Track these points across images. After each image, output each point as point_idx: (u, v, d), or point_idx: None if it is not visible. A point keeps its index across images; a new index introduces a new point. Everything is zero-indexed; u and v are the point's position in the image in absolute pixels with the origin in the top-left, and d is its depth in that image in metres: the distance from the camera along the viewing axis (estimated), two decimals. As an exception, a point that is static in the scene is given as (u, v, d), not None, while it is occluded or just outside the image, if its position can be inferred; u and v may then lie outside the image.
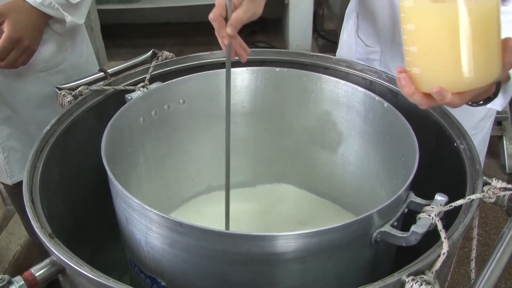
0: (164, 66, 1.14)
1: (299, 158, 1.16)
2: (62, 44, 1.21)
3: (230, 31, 0.79)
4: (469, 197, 0.73)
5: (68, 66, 1.24)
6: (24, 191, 0.77)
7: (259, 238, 0.66)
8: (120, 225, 0.83)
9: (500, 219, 1.96)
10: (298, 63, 1.16)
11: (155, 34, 3.47)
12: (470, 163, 0.83)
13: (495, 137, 2.33)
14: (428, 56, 0.63)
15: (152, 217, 0.70)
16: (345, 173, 1.11)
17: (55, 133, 0.93)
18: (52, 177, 0.89)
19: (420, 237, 0.68)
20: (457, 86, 0.62)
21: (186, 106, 1.07)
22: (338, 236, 0.68)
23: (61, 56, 1.22)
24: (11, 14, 1.03)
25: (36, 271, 0.68)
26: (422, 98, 0.65)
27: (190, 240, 0.68)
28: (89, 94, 1.03)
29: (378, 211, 0.69)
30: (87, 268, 0.64)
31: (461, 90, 0.63)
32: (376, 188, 1.03)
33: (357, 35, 1.27)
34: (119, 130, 0.92)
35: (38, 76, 1.20)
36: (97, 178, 0.91)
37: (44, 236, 0.69)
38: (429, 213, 0.70)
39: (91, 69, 1.31)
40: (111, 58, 3.09)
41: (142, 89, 1.01)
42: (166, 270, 0.75)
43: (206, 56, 1.17)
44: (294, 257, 0.68)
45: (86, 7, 1.18)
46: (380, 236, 0.72)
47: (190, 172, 1.16)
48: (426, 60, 0.64)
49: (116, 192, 0.77)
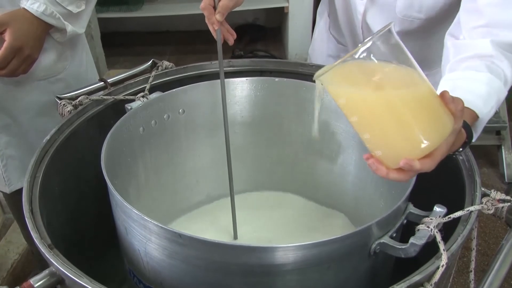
0: (164, 76, 1.14)
1: (298, 167, 1.17)
2: (62, 53, 1.22)
3: (219, 17, 0.87)
4: (468, 209, 0.73)
5: (67, 75, 1.25)
6: (24, 201, 0.78)
7: (259, 250, 0.66)
8: (119, 235, 0.83)
9: (499, 228, 1.95)
10: (297, 73, 1.17)
11: (155, 42, 3.48)
12: (469, 174, 0.83)
13: (493, 146, 2.33)
14: (382, 139, 0.65)
15: (152, 228, 0.70)
16: (344, 183, 1.11)
17: (55, 142, 0.93)
18: (52, 187, 0.90)
19: (419, 249, 0.68)
20: (419, 153, 0.64)
21: (186, 116, 1.07)
22: (338, 248, 0.68)
23: (61, 65, 1.23)
24: (13, 23, 1.04)
25: (35, 282, 0.68)
26: (398, 174, 0.66)
27: (189, 251, 0.68)
28: (89, 104, 1.03)
29: (377, 222, 0.70)
30: (86, 280, 0.64)
31: (424, 154, 0.64)
32: (375, 198, 1.03)
33: (329, 31, 1.33)
34: (119, 140, 0.92)
35: (38, 84, 1.21)
36: (96, 188, 0.91)
37: (44, 247, 0.70)
38: (428, 225, 0.70)
39: (91, 78, 1.32)
40: (111, 66, 3.09)
41: (142, 99, 1.01)
42: (165, 281, 0.75)
43: (205, 66, 1.18)
44: (293, 268, 0.68)
45: (86, 16, 1.19)
46: (379, 248, 0.72)
47: (189, 182, 1.16)
48: (382, 142, 0.66)
49: (115, 202, 0.77)
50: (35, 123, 1.24)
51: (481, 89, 0.78)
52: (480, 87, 0.79)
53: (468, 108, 0.76)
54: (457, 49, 0.87)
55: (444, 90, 0.66)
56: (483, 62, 0.81)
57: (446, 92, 0.65)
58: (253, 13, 3.51)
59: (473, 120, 0.77)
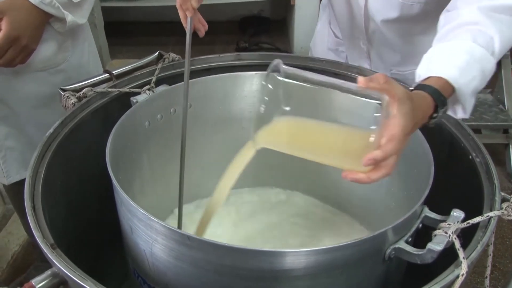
0: (171, 68, 1.11)
1: (307, 165, 1.13)
2: (63, 44, 1.18)
3: (195, 3, 0.85)
4: (487, 214, 0.70)
5: (68, 66, 1.21)
6: (26, 198, 0.75)
7: (270, 254, 0.63)
8: (124, 234, 0.80)
9: (505, 228, 1.93)
10: (307, 68, 1.13)
11: (158, 32, 3.44)
12: (487, 177, 0.80)
13: (501, 145, 2.30)
14: (335, 159, 0.70)
15: (158, 229, 0.67)
16: (353, 183, 1.09)
17: (58, 136, 0.91)
18: (54, 183, 0.87)
19: (436, 256, 0.65)
20: (368, 150, 0.64)
21: (192, 110, 1.04)
22: (352, 253, 0.66)
23: (62, 56, 1.19)
24: (10, 12, 1.00)
25: (37, 283, 0.65)
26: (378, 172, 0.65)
27: (198, 254, 0.66)
28: (94, 96, 1.00)
29: (393, 227, 0.67)
30: (90, 283, 0.61)
31: (374, 148, 0.64)
32: (385, 199, 1.00)
33: (330, 26, 1.34)
34: (124, 134, 0.89)
35: (37, 75, 1.17)
36: (100, 183, 0.88)
37: (46, 247, 0.67)
38: (446, 230, 0.67)
39: (93, 70, 1.28)
40: (114, 56, 3.06)
41: (148, 92, 0.98)
42: (171, 283, 0.72)
43: (213, 59, 1.14)
44: (305, 274, 0.66)
45: (88, 6, 1.15)
46: (394, 253, 0.69)
47: (195, 177, 1.13)
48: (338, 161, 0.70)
49: (120, 200, 0.75)
50: (34, 114, 1.21)
51: (458, 59, 0.75)
52: (458, 56, 0.75)
53: (440, 78, 0.74)
54: (446, 20, 0.84)
55: (359, 77, 0.65)
56: (468, 30, 0.78)
57: (360, 78, 0.64)
58: (258, 4, 3.47)
59: (449, 91, 0.74)
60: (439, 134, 0.95)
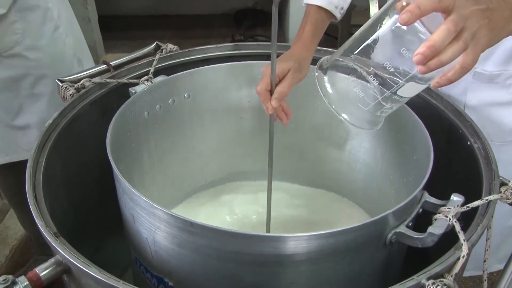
0: (169, 59, 1.11)
1: (305, 154, 1.14)
2: (9, 27, 1.14)
3: (275, 104, 0.85)
4: (486, 198, 0.71)
5: (24, 49, 1.16)
6: (28, 188, 0.75)
7: (274, 239, 0.64)
8: (126, 222, 0.80)
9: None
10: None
11: (153, 26, 3.42)
12: (485, 162, 0.81)
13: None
14: None
15: (161, 216, 0.68)
16: (352, 170, 1.09)
17: (58, 127, 0.90)
18: (54, 173, 0.87)
19: (437, 239, 0.66)
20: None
21: (191, 100, 1.04)
22: (354, 237, 0.66)
23: (10, 39, 1.14)
24: None
25: (41, 271, 0.66)
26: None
27: (201, 240, 0.66)
28: (92, 87, 1.00)
29: (394, 212, 0.67)
30: (95, 269, 0.61)
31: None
32: (384, 186, 1.01)
33: None
34: (123, 125, 0.89)
35: None
36: (100, 173, 0.89)
37: (50, 235, 0.67)
38: (446, 214, 0.68)
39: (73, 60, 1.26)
40: (108, 50, 3.04)
41: (147, 83, 0.98)
42: (174, 270, 0.73)
43: (211, 49, 1.14)
44: (308, 258, 0.66)
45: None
46: (395, 237, 0.70)
47: (193, 167, 1.14)
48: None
49: (122, 189, 0.75)
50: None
51: None
52: None
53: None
54: None
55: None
56: None
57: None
58: (252, -3, 3.47)
59: None
60: (438, 121, 0.96)
